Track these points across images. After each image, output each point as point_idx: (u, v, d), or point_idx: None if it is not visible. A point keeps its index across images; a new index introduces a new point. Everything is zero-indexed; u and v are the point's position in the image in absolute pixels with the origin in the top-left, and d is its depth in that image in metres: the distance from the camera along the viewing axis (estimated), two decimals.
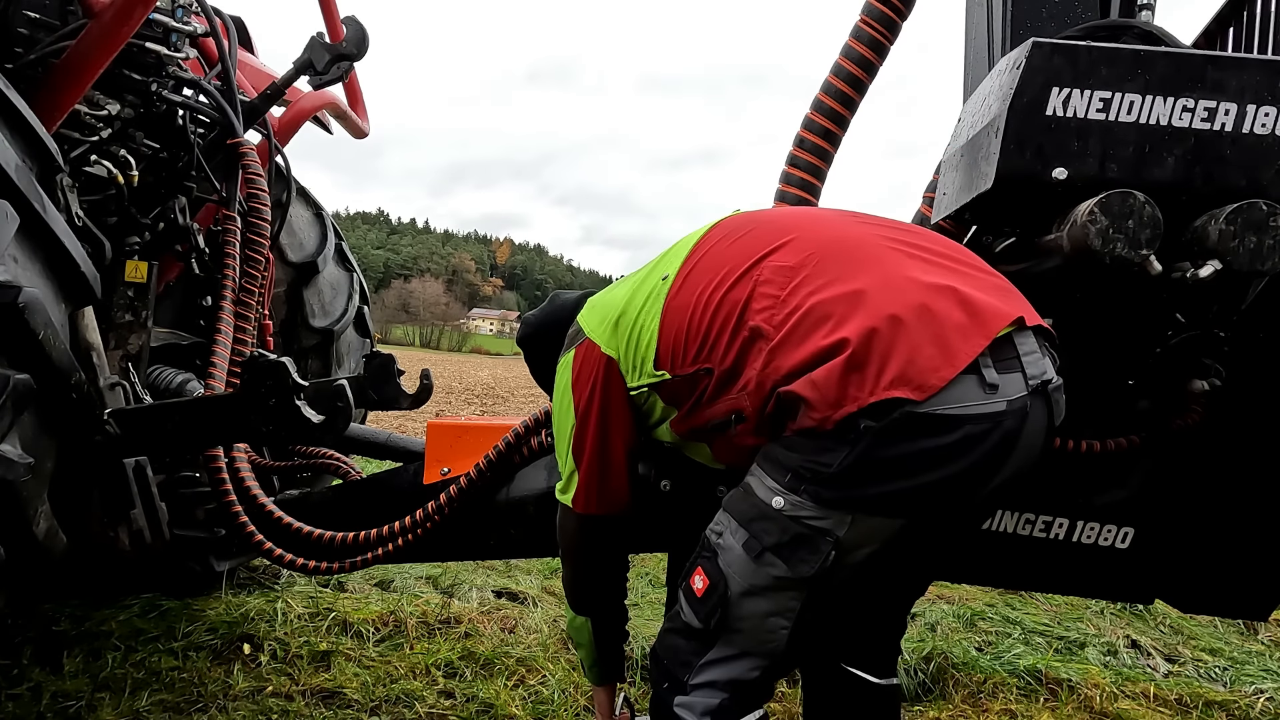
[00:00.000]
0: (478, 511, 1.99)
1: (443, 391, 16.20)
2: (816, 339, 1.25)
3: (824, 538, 1.26)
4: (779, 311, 1.32)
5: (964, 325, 1.22)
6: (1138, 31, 1.70)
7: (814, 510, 1.26)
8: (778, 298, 1.33)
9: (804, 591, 1.30)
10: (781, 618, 1.33)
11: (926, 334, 1.21)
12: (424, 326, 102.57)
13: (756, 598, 1.32)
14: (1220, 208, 1.38)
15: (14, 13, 1.98)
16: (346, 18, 2.54)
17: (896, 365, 1.20)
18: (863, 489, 1.24)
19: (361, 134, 3.27)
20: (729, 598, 1.33)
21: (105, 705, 2.28)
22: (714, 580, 1.34)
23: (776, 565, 1.29)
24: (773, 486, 1.30)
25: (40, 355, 1.58)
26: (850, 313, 1.24)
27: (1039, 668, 2.95)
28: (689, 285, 1.46)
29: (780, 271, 1.35)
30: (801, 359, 1.26)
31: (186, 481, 2.33)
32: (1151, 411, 1.68)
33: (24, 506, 1.58)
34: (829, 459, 1.24)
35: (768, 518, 1.29)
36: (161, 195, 2.32)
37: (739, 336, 1.35)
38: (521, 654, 2.81)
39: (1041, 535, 1.77)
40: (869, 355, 1.21)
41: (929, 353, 1.19)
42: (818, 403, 1.23)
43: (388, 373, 1.88)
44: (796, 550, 1.27)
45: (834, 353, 1.23)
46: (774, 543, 1.28)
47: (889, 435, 1.20)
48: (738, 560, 1.33)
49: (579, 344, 1.59)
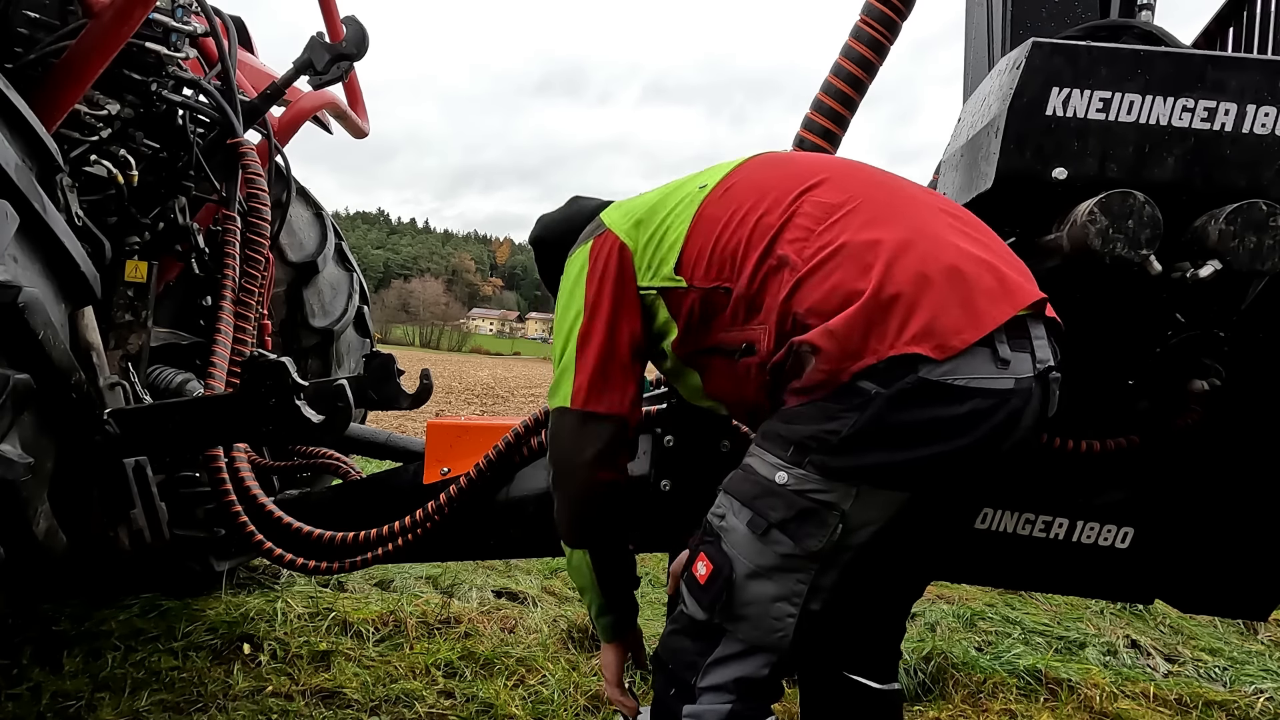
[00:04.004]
0: (478, 511, 1.99)
1: (443, 391, 16.20)
2: (843, 279, 1.23)
3: (831, 511, 1.23)
4: (810, 245, 1.28)
5: (993, 291, 1.21)
6: (1138, 31, 1.70)
7: (819, 483, 1.23)
8: (812, 231, 1.30)
9: (810, 573, 1.27)
10: (788, 603, 1.28)
11: (955, 294, 1.19)
12: (424, 326, 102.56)
13: (763, 580, 1.27)
14: (1220, 208, 1.38)
15: (14, 13, 1.98)
16: (346, 18, 2.54)
17: (920, 321, 1.17)
18: (869, 458, 1.21)
19: (361, 134, 3.27)
20: (734, 581, 1.28)
21: (105, 705, 2.28)
22: (718, 564, 1.30)
23: (783, 542, 1.25)
24: (775, 462, 1.27)
25: (40, 355, 1.58)
26: (881, 260, 1.22)
27: (1039, 668, 2.95)
28: (726, 199, 1.42)
29: (820, 206, 1.32)
30: (824, 296, 1.23)
31: (186, 481, 2.33)
32: (1151, 411, 1.68)
33: (24, 506, 1.58)
34: (836, 425, 1.21)
35: (773, 494, 1.26)
36: (161, 195, 2.32)
37: (766, 262, 1.32)
38: (521, 654, 2.81)
39: (1041, 535, 1.77)
40: (894, 306, 1.18)
41: (955, 314, 1.18)
42: (833, 353, 1.20)
43: (388, 373, 1.88)
44: (804, 525, 1.24)
45: (857, 297, 1.20)
46: (780, 519, 1.25)
47: (898, 402, 1.18)
48: (743, 540, 1.29)
49: (597, 235, 1.54)
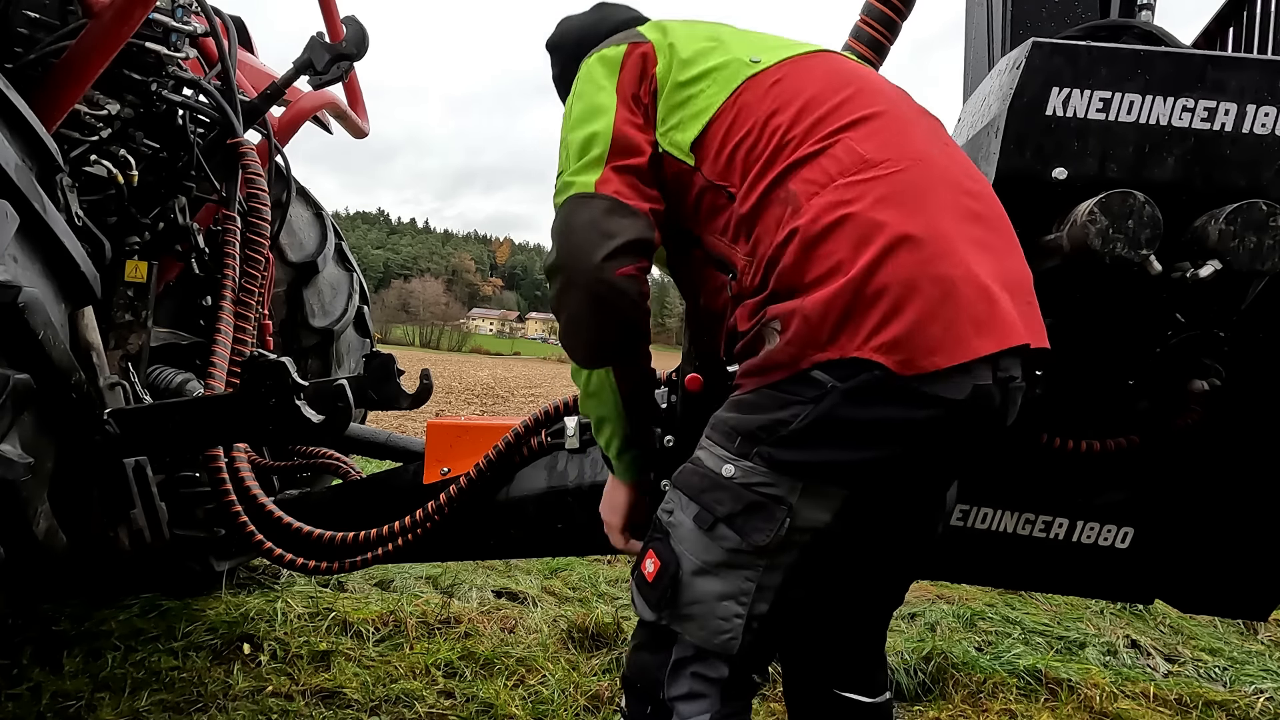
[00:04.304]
0: (478, 511, 1.99)
1: (443, 391, 16.20)
2: (836, 250, 1.15)
3: (779, 505, 1.19)
4: (824, 196, 1.18)
5: (983, 320, 1.13)
6: (1138, 31, 1.70)
7: (766, 476, 1.19)
8: (833, 180, 1.19)
9: (757, 571, 1.22)
10: (735, 603, 1.23)
11: (942, 312, 1.11)
12: (424, 326, 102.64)
13: (709, 577, 1.23)
14: (1220, 208, 1.38)
15: (14, 13, 1.98)
16: (346, 18, 2.54)
17: (896, 329, 1.11)
18: (818, 453, 1.16)
19: (361, 134, 3.27)
20: (680, 579, 1.24)
21: (105, 705, 2.28)
22: (665, 561, 1.26)
23: (729, 537, 1.21)
24: (723, 455, 1.23)
25: (40, 355, 1.58)
26: (879, 247, 1.13)
27: (1039, 668, 2.95)
28: (771, 93, 1.30)
29: (853, 155, 1.21)
30: (812, 263, 1.16)
31: (186, 481, 2.33)
32: (1151, 411, 1.68)
33: (24, 506, 1.58)
34: (786, 416, 1.16)
35: (720, 487, 1.22)
36: (161, 195, 2.32)
37: (775, 191, 1.22)
38: (521, 654, 2.81)
39: (1041, 535, 1.77)
40: (875, 304, 1.11)
41: (934, 332, 1.11)
42: (799, 337, 1.15)
43: (388, 373, 1.88)
44: (750, 519, 1.20)
45: (840, 278, 1.13)
46: (727, 513, 1.21)
47: (854, 398, 1.13)
48: (689, 536, 1.25)
49: (636, 42, 1.42)
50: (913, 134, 1.26)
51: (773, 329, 1.19)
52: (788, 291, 1.18)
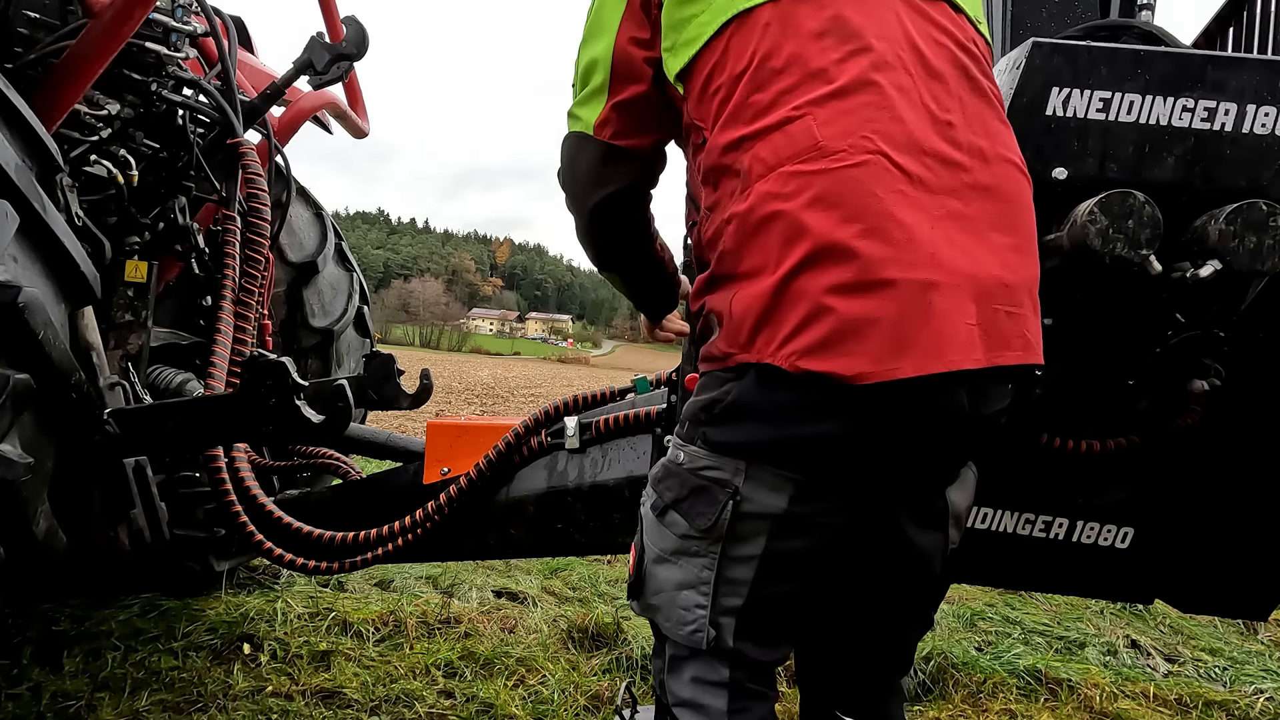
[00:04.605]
0: (478, 511, 1.99)
1: (443, 391, 16.20)
2: (766, 248, 1.10)
3: (722, 488, 1.17)
4: (769, 183, 1.10)
5: (907, 341, 1.04)
6: (1138, 31, 1.70)
7: (709, 459, 1.18)
8: (781, 165, 1.10)
9: (713, 559, 1.19)
10: (695, 592, 1.20)
11: (862, 327, 1.04)
12: (424, 326, 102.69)
13: (667, 565, 1.23)
14: (1220, 208, 1.38)
15: (14, 13, 1.98)
16: (346, 18, 2.54)
17: (809, 339, 1.05)
18: (745, 430, 1.15)
19: (361, 134, 3.27)
20: (644, 567, 1.26)
21: (105, 705, 2.28)
22: (637, 552, 1.29)
23: (677, 523, 1.21)
24: (676, 443, 1.25)
25: (40, 355, 1.58)
26: (806, 253, 1.06)
27: (1039, 668, 2.95)
28: (759, 39, 1.17)
29: (808, 139, 1.09)
30: (744, 255, 1.13)
31: (186, 481, 2.33)
32: (1151, 411, 1.68)
33: (24, 506, 1.58)
34: (718, 394, 1.18)
35: (671, 474, 1.24)
36: (161, 195, 2.32)
37: (736, 154, 1.16)
38: (521, 654, 2.81)
39: (1041, 535, 1.77)
40: (792, 312, 1.07)
41: (848, 346, 1.04)
42: (726, 335, 1.16)
43: (388, 373, 1.88)
44: (695, 504, 1.19)
45: (764, 279, 1.09)
46: (674, 498, 1.22)
47: (770, 396, 1.12)
48: (649, 525, 1.27)
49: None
50: (906, 112, 1.10)
51: (713, 320, 1.22)
52: (725, 276, 1.18)
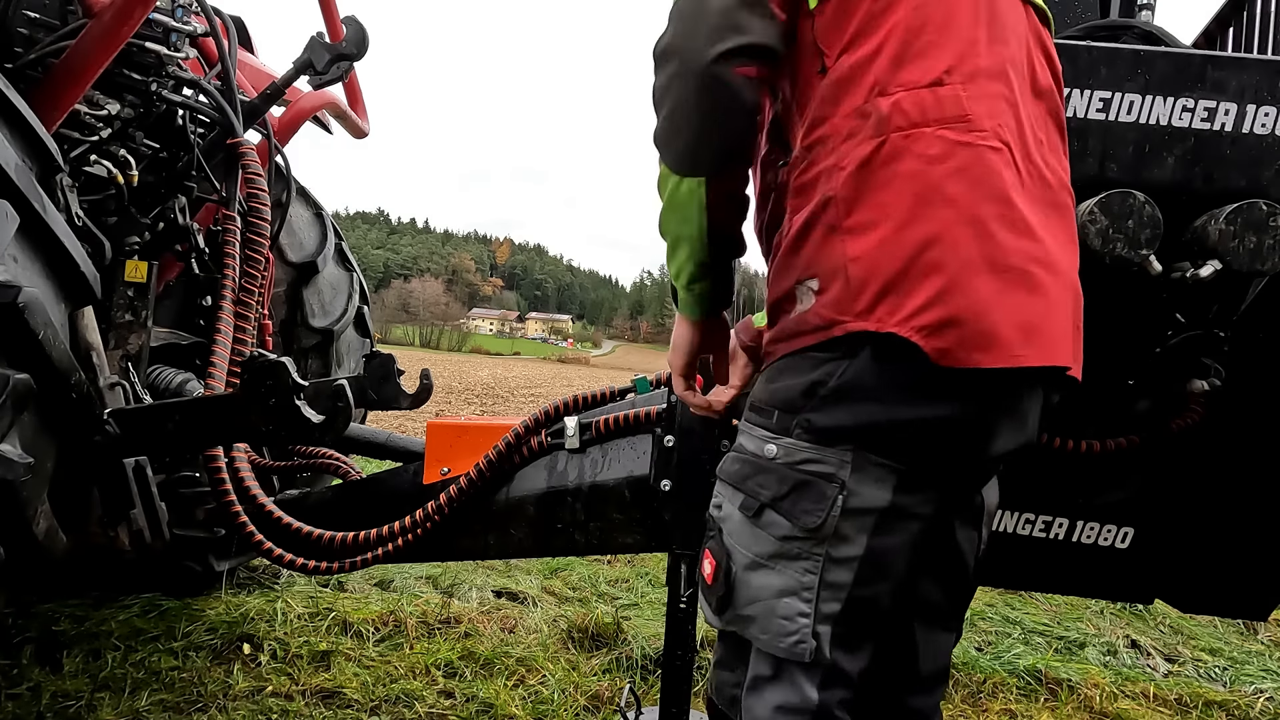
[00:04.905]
0: (478, 511, 1.99)
1: (443, 391, 16.20)
2: (898, 205, 1.03)
3: (829, 482, 1.08)
4: (911, 139, 1.04)
5: (1034, 329, 1.03)
6: (1138, 31, 1.70)
7: (810, 451, 1.09)
8: (927, 125, 1.05)
9: (817, 561, 1.10)
10: (798, 599, 1.10)
11: (996, 308, 1.02)
12: (424, 326, 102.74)
13: (764, 570, 1.12)
14: (1220, 208, 1.38)
15: (14, 13, 1.98)
16: (346, 18, 2.54)
17: (942, 313, 1.00)
18: (857, 411, 1.07)
19: (361, 134, 3.27)
20: (734, 575, 1.14)
21: (105, 705, 2.28)
22: (720, 559, 1.16)
23: (778, 523, 1.11)
24: (762, 435, 1.14)
25: (40, 355, 1.58)
26: (949, 221, 1.02)
27: (1039, 668, 2.95)
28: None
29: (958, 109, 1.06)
30: (867, 206, 1.04)
31: (186, 481, 2.33)
32: (1151, 411, 1.68)
33: (24, 506, 1.58)
34: (821, 376, 1.08)
35: (763, 470, 1.13)
36: (161, 195, 2.32)
37: (868, 95, 1.07)
38: (521, 654, 2.81)
39: (1041, 535, 1.77)
40: (925, 281, 1.01)
41: (981, 327, 1.01)
42: (836, 301, 1.05)
43: (388, 373, 1.88)
44: (799, 500, 1.09)
45: (894, 239, 1.02)
46: (773, 496, 1.11)
47: (886, 373, 1.05)
48: (738, 528, 1.15)
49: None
50: (1021, 115, 1.12)
51: (808, 289, 1.10)
52: (831, 227, 1.07)
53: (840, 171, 1.07)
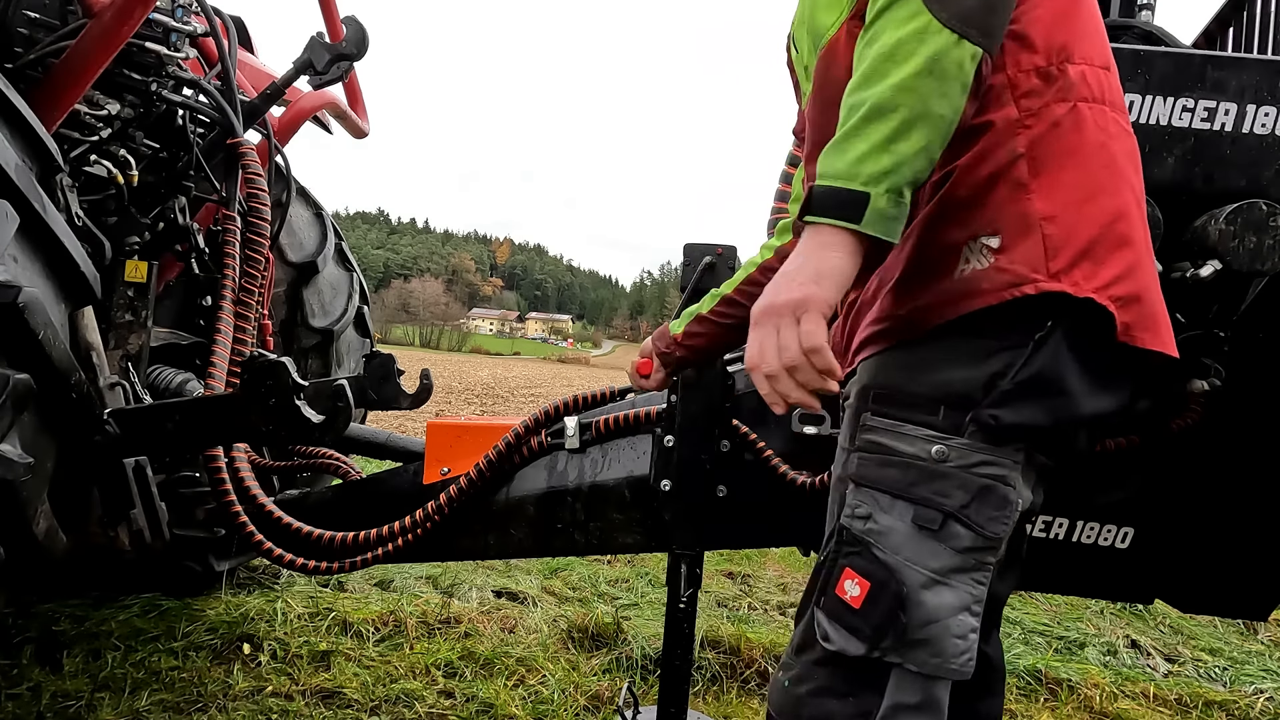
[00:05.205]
0: (478, 511, 1.99)
1: (443, 391, 16.21)
2: (1094, 170, 1.00)
3: (1007, 485, 1.00)
4: (1094, 111, 1.02)
5: (1165, 318, 1.05)
6: (1138, 31, 1.70)
7: (988, 452, 0.99)
8: (1103, 101, 1.04)
9: (987, 571, 1.02)
10: (969, 614, 1.01)
11: (1153, 291, 1.03)
12: (424, 326, 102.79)
13: (941, 588, 1.00)
14: (1220, 208, 1.38)
15: (14, 13, 1.98)
16: (346, 18, 2.54)
17: (1133, 286, 0.99)
18: (1058, 404, 0.98)
19: (361, 134, 3.27)
20: (906, 597, 0.99)
21: (105, 705, 2.27)
22: (878, 579, 1.01)
23: (961, 535, 0.99)
24: (924, 434, 1.01)
25: (40, 355, 1.58)
26: (1132, 199, 1.02)
27: (1039, 668, 2.95)
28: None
29: (1118, 95, 1.08)
30: (1060, 165, 0.99)
31: (186, 481, 2.33)
32: (1151, 411, 1.68)
33: (24, 506, 1.58)
34: (1000, 365, 0.98)
35: (937, 476, 1.00)
36: (161, 195, 2.32)
37: (1057, 56, 1.03)
38: (521, 654, 2.81)
39: (1041, 535, 1.77)
40: (1121, 250, 0.98)
41: (1145, 309, 1.01)
42: (1027, 256, 0.96)
43: (388, 373, 1.88)
44: (982, 509, 0.99)
45: (1095, 200, 0.99)
46: (959, 505, 0.99)
47: (1079, 347, 0.98)
48: (907, 542, 1.01)
49: None
50: None
51: (984, 246, 0.98)
52: (1014, 181, 0.99)
53: (1026, 129, 1.00)
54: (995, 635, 1.31)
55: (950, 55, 0.92)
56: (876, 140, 0.92)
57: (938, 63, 0.91)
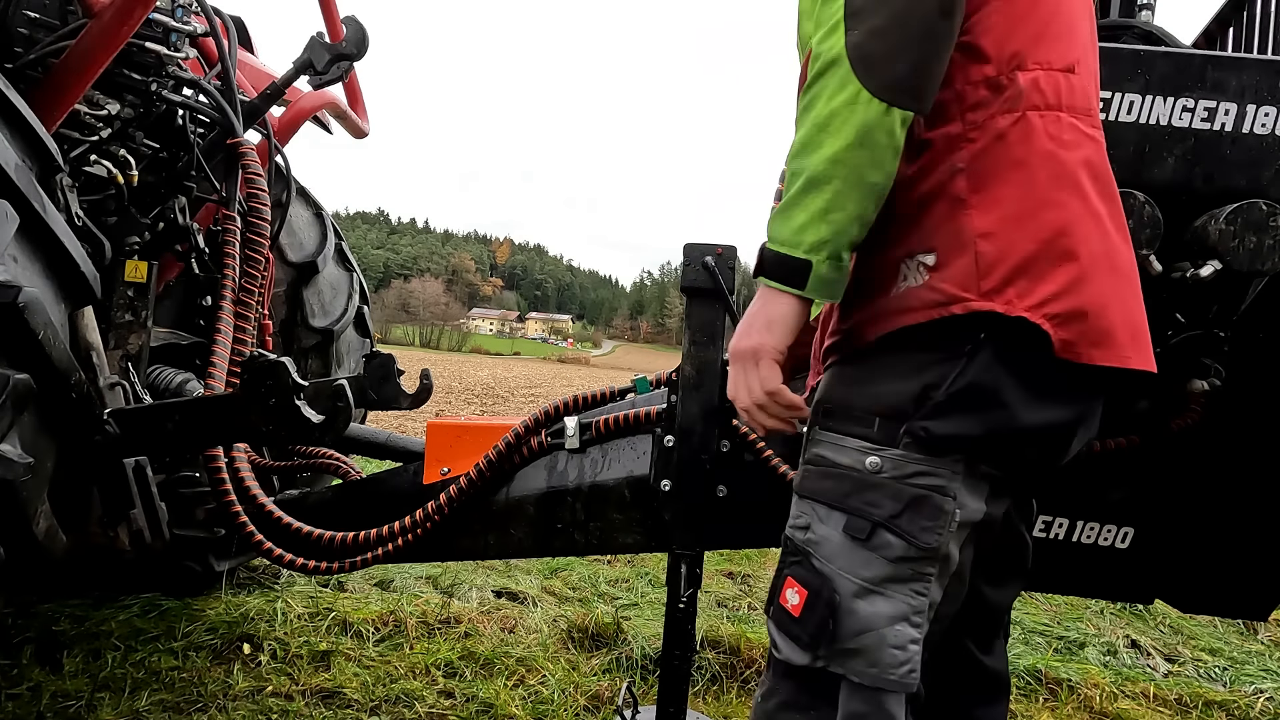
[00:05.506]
0: (478, 511, 1.99)
1: (443, 391, 16.21)
2: (1037, 184, 0.98)
3: (944, 496, 1.00)
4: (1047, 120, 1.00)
5: (1136, 330, 1.02)
6: (1138, 31, 1.70)
7: (923, 463, 1.00)
8: (1060, 109, 1.00)
9: (928, 582, 1.02)
10: (908, 624, 1.01)
11: (1113, 305, 0.99)
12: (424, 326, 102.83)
13: (875, 597, 1.01)
14: (1220, 208, 1.38)
15: (14, 13, 1.98)
16: (346, 18, 2.54)
17: (1074, 302, 0.96)
18: (985, 417, 0.99)
19: (361, 134, 3.27)
20: (839, 605, 1.01)
21: (105, 705, 2.27)
22: (814, 587, 1.03)
23: (892, 545, 1.01)
24: (860, 445, 1.03)
25: (40, 355, 1.58)
26: (1083, 211, 0.99)
27: (1039, 668, 2.95)
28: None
29: (1085, 99, 1.04)
30: (1001, 181, 0.98)
31: (186, 481, 2.33)
32: (1151, 411, 1.68)
33: (24, 506, 1.58)
34: (933, 378, 0.99)
35: (869, 486, 1.02)
36: (161, 195, 2.32)
37: (1007, 65, 1.01)
38: (521, 654, 2.81)
39: (1041, 535, 1.77)
40: (1062, 266, 0.96)
41: (1101, 324, 0.98)
42: (959, 276, 0.97)
43: (388, 373, 1.88)
44: (915, 519, 1.00)
45: (1032, 217, 0.97)
46: (888, 515, 1.00)
47: (1008, 364, 0.98)
48: (841, 551, 1.03)
49: None
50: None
51: (919, 263, 1.00)
52: (954, 198, 1.00)
53: (969, 143, 1.00)
54: (999, 645, 1.29)
55: (881, 125, 0.96)
56: (814, 211, 0.99)
57: (868, 134, 0.96)
